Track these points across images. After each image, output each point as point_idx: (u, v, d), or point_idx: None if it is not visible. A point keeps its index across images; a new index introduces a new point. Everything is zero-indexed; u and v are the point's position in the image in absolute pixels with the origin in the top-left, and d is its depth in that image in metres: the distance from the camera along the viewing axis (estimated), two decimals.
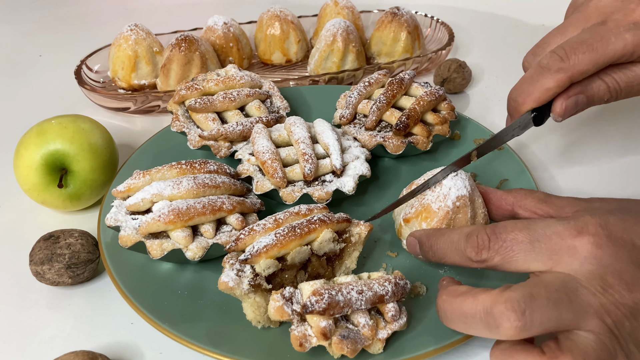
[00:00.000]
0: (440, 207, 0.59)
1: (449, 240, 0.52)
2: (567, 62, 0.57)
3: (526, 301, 0.42)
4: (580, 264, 0.44)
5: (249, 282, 0.53)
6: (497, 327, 0.43)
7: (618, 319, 0.42)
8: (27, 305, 0.63)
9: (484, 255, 0.48)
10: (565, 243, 0.45)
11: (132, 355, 0.57)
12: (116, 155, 0.77)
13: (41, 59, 1.25)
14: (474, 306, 0.44)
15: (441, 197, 0.59)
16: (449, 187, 0.59)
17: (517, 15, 1.38)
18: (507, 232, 0.47)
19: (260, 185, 0.67)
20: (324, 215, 0.57)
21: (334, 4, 1.14)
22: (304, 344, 0.49)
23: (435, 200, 0.59)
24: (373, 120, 0.77)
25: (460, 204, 0.58)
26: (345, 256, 0.60)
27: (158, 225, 0.58)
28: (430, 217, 0.59)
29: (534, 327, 0.42)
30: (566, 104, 0.59)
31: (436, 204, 0.59)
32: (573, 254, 0.44)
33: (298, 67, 1.13)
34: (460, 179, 0.59)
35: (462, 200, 0.58)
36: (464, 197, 0.58)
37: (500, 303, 0.42)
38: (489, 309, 0.43)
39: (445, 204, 0.58)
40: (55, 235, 0.63)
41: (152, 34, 1.04)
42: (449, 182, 0.59)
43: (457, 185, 0.59)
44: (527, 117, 0.62)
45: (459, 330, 0.47)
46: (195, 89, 0.79)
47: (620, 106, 0.96)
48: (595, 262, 0.43)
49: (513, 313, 0.42)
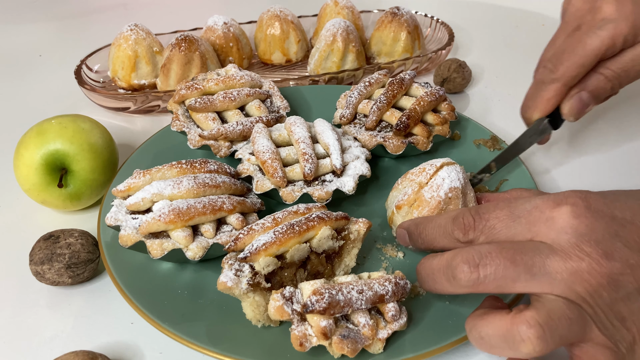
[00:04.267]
0: (433, 196, 0.60)
1: (436, 225, 0.53)
2: (557, 72, 0.64)
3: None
4: (556, 234, 0.44)
5: (248, 282, 0.53)
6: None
7: (593, 287, 0.42)
8: (27, 305, 0.63)
9: (471, 236, 0.49)
10: (544, 215, 0.45)
11: (132, 355, 0.57)
12: (116, 155, 0.77)
13: (41, 59, 1.25)
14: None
15: (434, 187, 0.60)
16: (442, 178, 0.60)
17: (517, 15, 1.38)
18: (490, 212, 0.49)
19: (260, 184, 0.67)
20: (323, 212, 0.57)
21: (334, 4, 1.14)
22: (304, 344, 0.49)
23: (428, 190, 0.61)
24: (373, 120, 0.77)
25: (453, 196, 0.60)
26: (344, 254, 0.60)
27: (158, 224, 0.58)
28: (422, 206, 0.61)
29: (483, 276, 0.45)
30: (570, 104, 0.65)
31: (429, 194, 0.60)
32: (551, 224, 0.45)
33: (298, 67, 1.13)
34: (455, 172, 0.61)
35: (455, 192, 0.60)
36: (457, 189, 0.60)
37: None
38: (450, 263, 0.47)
39: (437, 194, 0.60)
40: (55, 235, 0.63)
41: (152, 34, 1.04)
42: (443, 173, 0.61)
43: (452, 177, 0.60)
44: (539, 123, 0.68)
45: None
46: (195, 89, 0.79)
47: (619, 106, 0.96)
48: (571, 231, 0.44)
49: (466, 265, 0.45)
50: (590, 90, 0.64)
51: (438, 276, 0.48)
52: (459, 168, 0.62)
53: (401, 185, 0.66)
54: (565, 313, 0.42)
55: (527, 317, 0.43)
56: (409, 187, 0.63)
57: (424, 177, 0.63)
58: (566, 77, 0.63)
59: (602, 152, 0.86)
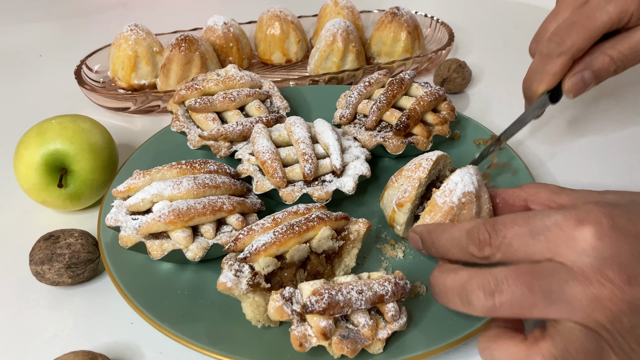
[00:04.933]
0: (445, 202, 0.57)
1: (450, 237, 0.51)
2: (564, 45, 0.63)
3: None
4: (577, 256, 0.42)
5: (248, 282, 0.53)
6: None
7: (614, 315, 0.41)
8: (27, 305, 0.63)
9: (487, 252, 0.47)
10: (565, 233, 0.43)
11: (132, 355, 0.57)
12: (116, 155, 0.77)
13: (41, 59, 1.25)
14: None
15: (447, 192, 0.57)
16: (455, 183, 0.57)
17: (517, 15, 1.38)
18: (507, 227, 0.46)
19: (260, 185, 0.67)
20: (322, 212, 0.57)
21: (334, 4, 1.14)
22: (304, 344, 0.49)
23: (440, 195, 0.58)
24: (373, 120, 0.77)
25: (466, 200, 0.57)
26: (344, 254, 0.60)
27: (158, 225, 0.58)
28: (434, 211, 0.58)
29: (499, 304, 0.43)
30: (573, 81, 0.66)
31: (441, 199, 0.58)
32: (572, 244, 0.42)
33: (298, 67, 1.13)
34: (468, 174, 0.58)
35: (468, 196, 0.57)
36: (470, 194, 0.57)
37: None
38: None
39: (450, 199, 0.57)
40: (55, 235, 0.63)
41: (152, 34, 1.04)
42: (456, 177, 0.58)
43: (465, 181, 0.57)
44: (543, 98, 0.69)
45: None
46: (195, 89, 0.79)
47: (614, 95, 0.96)
48: (594, 254, 0.41)
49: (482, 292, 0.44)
50: (594, 70, 0.64)
51: (452, 296, 0.47)
52: (472, 170, 0.59)
53: (397, 183, 0.65)
54: (583, 344, 0.41)
55: (544, 351, 0.42)
56: (408, 184, 0.63)
57: (422, 172, 0.62)
58: (573, 50, 0.63)
59: (599, 142, 0.86)
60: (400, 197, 0.63)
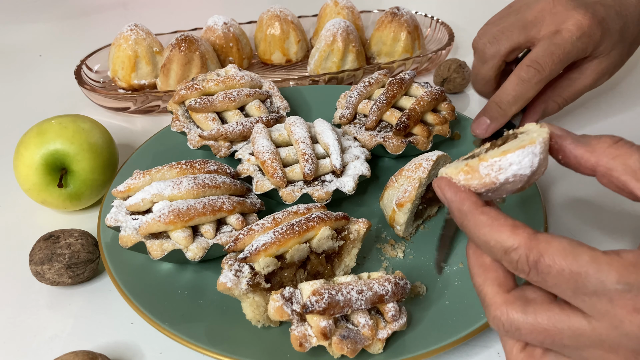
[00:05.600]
0: (489, 175, 0.47)
1: (483, 240, 0.44)
2: (544, 72, 0.68)
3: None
4: (618, 337, 0.39)
5: (248, 282, 0.53)
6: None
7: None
8: (27, 305, 0.63)
9: (521, 275, 0.42)
10: (614, 311, 0.38)
11: (132, 355, 0.57)
12: (116, 155, 0.77)
13: (41, 59, 1.25)
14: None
15: (495, 168, 0.47)
16: (510, 163, 0.47)
17: None
18: (550, 275, 0.40)
19: (260, 185, 0.67)
20: (322, 213, 0.57)
21: (334, 4, 1.14)
22: (304, 344, 0.49)
23: (487, 166, 0.47)
24: (373, 120, 0.77)
25: (515, 180, 0.47)
26: (344, 254, 0.60)
27: (158, 225, 0.58)
28: (472, 175, 0.47)
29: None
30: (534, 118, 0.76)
31: (486, 170, 0.47)
32: (616, 324, 0.39)
33: (298, 67, 1.13)
34: (531, 155, 0.46)
35: (519, 177, 0.47)
36: (523, 176, 0.47)
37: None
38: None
39: (496, 176, 0.47)
40: (55, 235, 0.63)
41: (152, 34, 1.04)
42: (514, 158, 0.46)
43: (523, 163, 0.46)
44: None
45: None
46: (195, 89, 0.79)
47: (615, 100, 0.96)
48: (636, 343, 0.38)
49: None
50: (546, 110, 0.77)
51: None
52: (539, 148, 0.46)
53: (397, 183, 0.65)
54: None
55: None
56: (408, 184, 0.63)
57: (422, 172, 0.62)
58: (549, 77, 0.69)
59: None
60: (400, 197, 0.63)
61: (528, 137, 0.47)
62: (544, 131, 0.47)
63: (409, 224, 0.64)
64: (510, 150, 0.46)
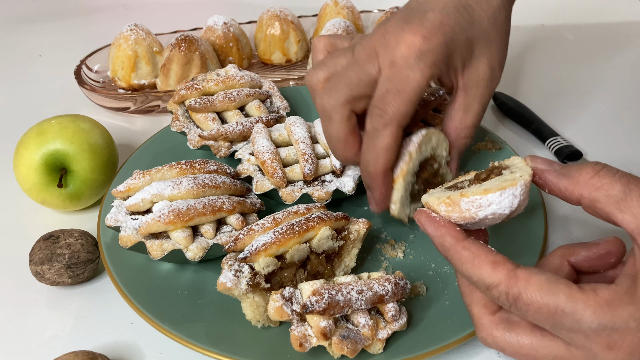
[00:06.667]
0: (469, 210, 0.48)
1: (467, 275, 0.46)
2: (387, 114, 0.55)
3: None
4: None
5: (248, 282, 0.53)
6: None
7: None
8: (27, 305, 0.63)
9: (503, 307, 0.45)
10: (589, 345, 0.40)
11: (132, 355, 0.57)
12: (116, 155, 0.77)
13: (41, 59, 1.25)
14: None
15: (476, 205, 0.48)
16: (489, 203, 0.47)
17: (516, 15, 1.37)
18: (530, 311, 0.42)
19: (260, 185, 0.67)
20: (322, 213, 0.57)
21: (334, 4, 1.14)
22: (304, 344, 0.49)
23: (467, 202, 0.48)
24: None
25: (493, 217, 0.49)
26: (344, 254, 0.60)
27: (158, 225, 0.58)
28: (453, 208, 0.48)
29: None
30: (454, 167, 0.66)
31: (466, 205, 0.48)
32: (592, 356, 0.41)
33: (298, 67, 1.13)
34: (511, 196, 0.47)
35: (498, 215, 0.48)
36: (502, 215, 0.48)
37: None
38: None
39: (476, 212, 0.48)
40: (55, 235, 0.63)
41: (152, 34, 1.04)
42: (494, 198, 0.47)
43: (503, 204, 0.47)
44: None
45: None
46: (195, 89, 0.79)
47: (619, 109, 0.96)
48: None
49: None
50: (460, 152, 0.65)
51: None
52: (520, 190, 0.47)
53: None
54: None
55: None
56: (400, 161, 0.59)
57: (412, 147, 0.58)
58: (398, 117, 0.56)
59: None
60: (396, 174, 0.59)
61: (510, 177, 0.47)
62: (527, 171, 0.48)
63: (404, 204, 0.61)
64: (491, 190, 0.47)
